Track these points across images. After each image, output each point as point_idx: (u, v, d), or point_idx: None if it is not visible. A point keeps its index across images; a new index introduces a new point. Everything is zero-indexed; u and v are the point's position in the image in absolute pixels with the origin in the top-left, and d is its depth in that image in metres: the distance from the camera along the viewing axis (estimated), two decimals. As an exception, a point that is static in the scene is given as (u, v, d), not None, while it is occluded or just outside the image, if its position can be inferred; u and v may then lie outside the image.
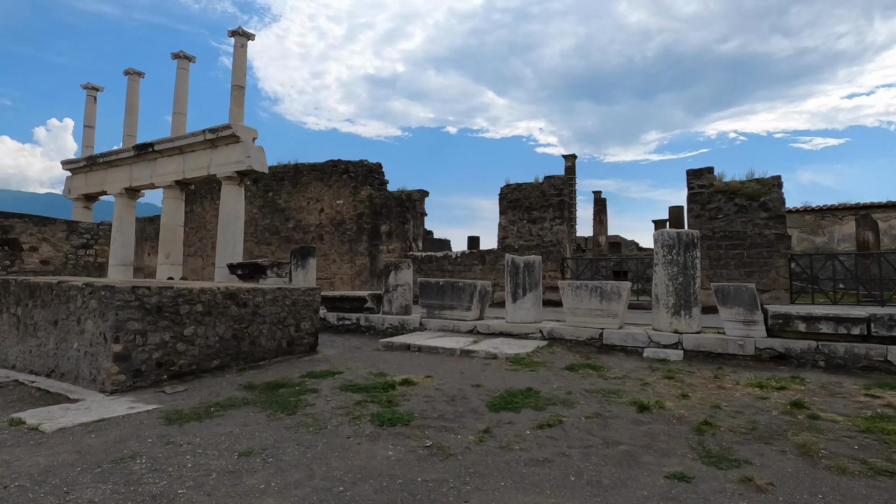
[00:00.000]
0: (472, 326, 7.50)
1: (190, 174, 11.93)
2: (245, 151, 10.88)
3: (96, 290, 4.53)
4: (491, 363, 5.61)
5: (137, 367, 4.49)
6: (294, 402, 3.90)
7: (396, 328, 8.12)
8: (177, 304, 4.84)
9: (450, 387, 4.45)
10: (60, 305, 4.87)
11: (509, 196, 13.09)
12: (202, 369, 5.05)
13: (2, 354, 5.49)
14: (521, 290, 7.23)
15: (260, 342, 5.74)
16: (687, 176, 11.41)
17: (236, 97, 11.35)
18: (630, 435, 3.16)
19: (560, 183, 12.50)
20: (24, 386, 4.67)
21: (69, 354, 4.73)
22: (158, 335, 4.67)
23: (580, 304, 6.73)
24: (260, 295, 5.78)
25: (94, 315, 4.51)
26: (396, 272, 8.52)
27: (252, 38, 11.62)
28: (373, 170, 15.41)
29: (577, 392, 4.25)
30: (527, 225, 12.74)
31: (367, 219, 15.17)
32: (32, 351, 5.13)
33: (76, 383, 4.61)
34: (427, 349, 6.42)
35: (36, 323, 5.13)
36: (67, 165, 14.89)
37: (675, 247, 6.12)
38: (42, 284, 5.13)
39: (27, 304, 5.27)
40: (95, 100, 15.04)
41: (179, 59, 12.86)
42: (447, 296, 7.89)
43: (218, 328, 5.24)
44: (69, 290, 4.80)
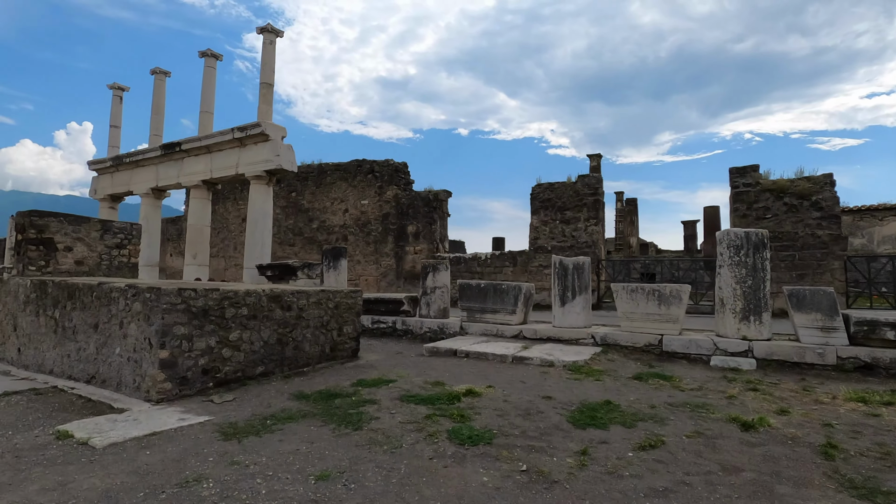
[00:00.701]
0: (518, 331, 7.15)
1: (217, 174, 11.74)
2: (274, 150, 10.66)
3: (141, 292, 4.27)
4: (549, 371, 5.26)
5: (183, 375, 4.22)
6: (356, 416, 3.59)
7: (436, 332, 7.80)
8: (222, 307, 4.57)
9: (517, 398, 4.12)
10: (101, 308, 4.63)
11: (541, 196, 12.72)
12: (247, 376, 4.78)
13: (38, 359, 5.28)
14: (569, 294, 6.87)
15: (304, 347, 5.46)
16: (730, 174, 10.95)
17: (265, 95, 11.13)
18: (748, 459, 2.80)
19: (595, 182, 12.10)
20: (64, 393, 4.43)
21: (111, 360, 4.48)
22: (204, 340, 4.40)
23: (636, 309, 6.35)
24: (304, 297, 5.50)
25: (139, 319, 4.26)
26: (434, 274, 8.20)
27: (281, 34, 11.41)
28: (399, 169, 15.13)
29: (660, 406, 3.89)
30: (559, 225, 12.36)
31: (393, 219, 14.89)
32: (71, 356, 4.89)
33: (119, 391, 4.36)
34: (475, 355, 6.09)
35: (75, 326, 4.90)
36: (94, 166, 14.83)
37: (744, 247, 5.72)
38: (81, 286, 4.89)
39: (65, 307, 5.04)
40: (121, 100, 14.96)
41: (207, 58, 12.70)
42: (489, 298, 7.55)
43: (263, 333, 4.97)
44: (111, 291, 4.56)
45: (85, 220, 6.65)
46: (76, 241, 6.52)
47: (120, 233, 7.00)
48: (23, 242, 6.15)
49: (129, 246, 7.12)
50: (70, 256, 6.47)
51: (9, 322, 5.79)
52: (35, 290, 5.46)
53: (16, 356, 5.61)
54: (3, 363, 5.72)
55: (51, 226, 6.28)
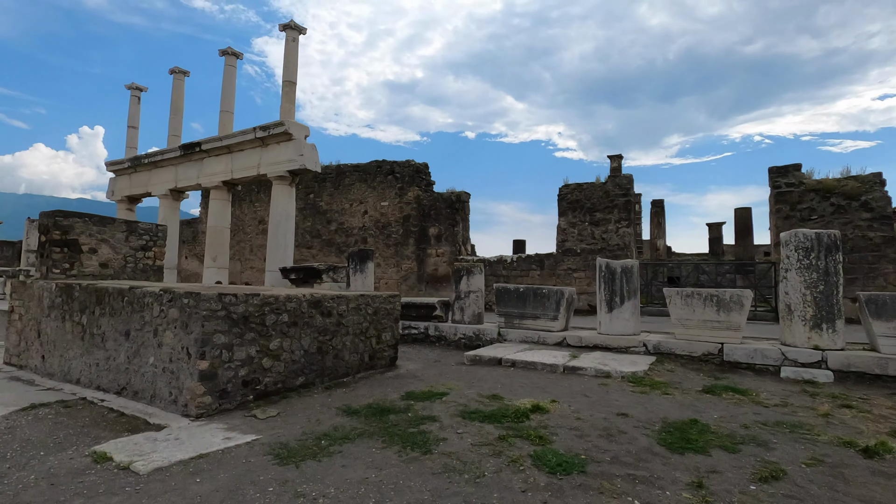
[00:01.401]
0: (561, 338, 6.77)
1: (238, 174, 11.47)
2: (298, 149, 10.36)
3: (178, 297, 3.95)
4: (608, 383, 4.88)
5: (223, 388, 3.89)
6: (419, 436, 3.23)
7: (471, 339, 7.44)
8: (263, 313, 4.24)
9: (589, 415, 3.74)
10: (133, 314, 4.32)
11: (569, 197, 12.33)
12: (287, 388, 4.45)
13: (64, 367, 4.98)
14: (617, 299, 6.48)
15: (343, 356, 5.12)
16: (770, 174, 10.51)
17: (287, 93, 10.85)
18: (894, 495, 2.41)
19: (626, 182, 11.70)
20: (94, 406, 4.11)
21: (144, 370, 4.16)
22: (244, 350, 4.07)
23: (692, 315, 5.95)
24: (344, 303, 5.16)
25: (175, 326, 3.94)
26: (468, 277, 7.85)
27: (304, 31, 11.13)
28: (420, 170, 14.80)
29: (752, 425, 3.50)
30: (588, 227, 11.97)
31: (415, 221, 14.56)
32: (100, 364, 4.59)
33: (153, 403, 4.04)
34: (522, 364, 5.72)
35: (104, 333, 4.59)
36: (112, 167, 14.63)
37: (814, 250, 5.31)
38: (111, 290, 4.59)
39: (93, 312, 4.74)
40: (139, 100, 14.76)
41: (227, 56, 12.46)
42: (529, 304, 7.18)
43: (303, 341, 4.64)
44: (144, 296, 4.24)
45: (110, 220, 6.37)
46: (101, 242, 6.24)
47: (145, 234, 6.71)
48: (46, 244, 5.88)
49: (154, 248, 6.84)
50: (95, 259, 6.18)
51: (32, 328, 5.51)
52: (60, 294, 5.17)
53: (39, 364, 5.32)
54: (27, 371, 5.44)
55: (76, 227, 5.99)
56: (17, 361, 5.65)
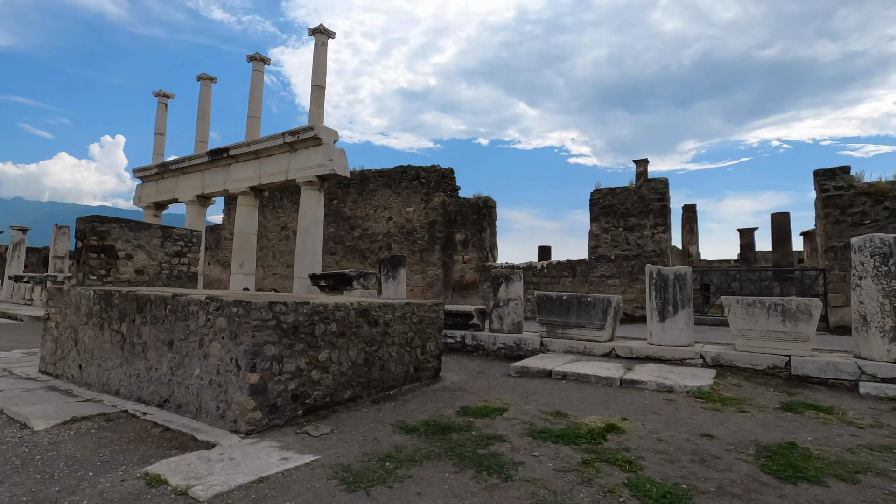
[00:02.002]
0: (609, 349, 6.45)
1: (266, 180, 11.36)
2: (327, 154, 10.22)
3: (226, 306, 3.74)
4: (674, 399, 4.56)
5: (273, 402, 3.67)
6: (493, 459, 2.96)
7: (511, 348, 7.15)
8: (312, 323, 4.02)
9: (669, 436, 3.44)
10: (177, 323, 4.12)
11: (601, 202, 12.00)
12: (336, 401, 4.21)
13: (102, 377, 4.81)
14: (670, 307, 6.16)
15: (389, 367, 4.88)
16: (815, 177, 10.08)
17: (317, 97, 10.72)
18: None
19: (662, 187, 11.34)
20: (137, 419, 3.91)
21: (188, 382, 3.95)
22: (294, 362, 3.85)
23: (754, 326, 5.60)
24: (390, 311, 4.92)
25: (223, 336, 3.73)
26: (507, 284, 7.57)
27: (333, 35, 11.02)
28: (445, 175, 14.58)
29: (858, 450, 3.17)
30: (622, 233, 11.62)
31: (440, 227, 14.33)
32: (140, 375, 4.40)
33: (198, 418, 3.83)
34: (574, 377, 5.42)
35: (145, 343, 4.41)
36: (139, 173, 14.67)
37: (893, 256, 4.95)
38: (153, 298, 4.41)
39: (133, 321, 4.56)
40: (166, 107, 14.81)
41: (255, 62, 12.41)
42: (572, 312, 6.88)
43: (351, 352, 4.40)
44: (188, 305, 4.05)
45: (146, 226, 6.23)
46: (137, 248, 6.10)
47: (180, 240, 6.57)
48: (83, 249, 5.75)
49: (189, 254, 6.69)
50: (130, 265, 6.04)
51: (69, 336, 5.36)
52: (99, 301, 5.01)
53: (76, 373, 5.16)
54: (63, 380, 5.28)
55: (112, 232, 5.86)
56: (53, 370, 5.51)
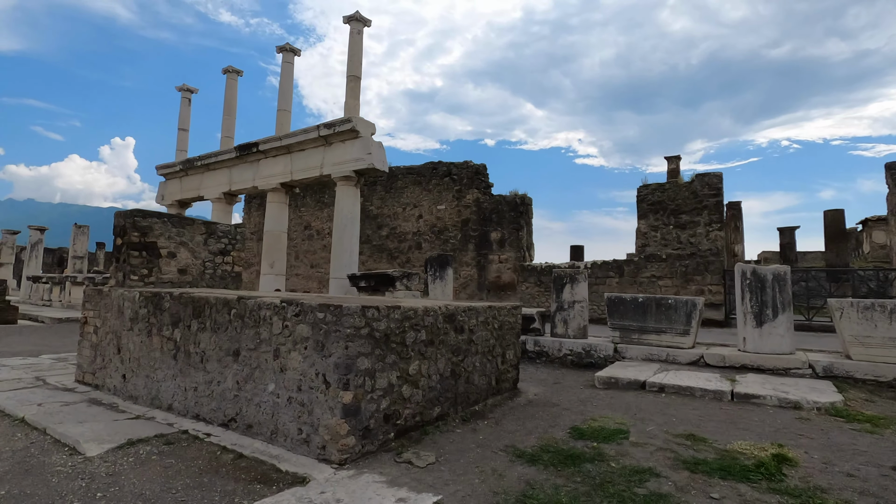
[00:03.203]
0: (696, 356, 5.84)
1: (298, 175, 10.84)
2: (365, 148, 9.67)
3: (308, 311, 3.19)
4: (808, 417, 3.95)
5: (366, 425, 3.11)
6: (662, 502, 2.38)
7: (580, 355, 6.55)
8: (403, 330, 3.45)
9: (853, 468, 2.84)
10: (245, 330, 3.57)
11: (649, 198, 11.37)
12: (425, 420, 3.64)
13: (150, 390, 4.27)
14: (769, 311, 5.53)
15: (473, 379, 4.30)
16: (887, 170, 9.41)
17: (352, 89, 10.19)
18: None
19: (717, 181, 10.68)
20: (201, 442, 3.36)
21: (260, 400, 3.40)
22: (386, 376, 3.28)
23: (873, 332, 4.97)
24: (474, 316, 4.35)
25: (305, 347, 3.17)
26: (572, 285, 6.97)
27: (368, 24, 10.48)
28: (479, 171, 14.00)
29: None
30: (673, 230, 10.98)
31: (474, 225, 13.75)
32: (198, 389, 3.85)
33: (274, 442, 3.27)
34: (674, 389, 4.82)
35: (203, 352, 3.86)
36: (162, 170, 14.22)
37: None
38: (213, 300, 3.86)
39: (189, 326, 4.02)
40: (190, 102, 14.35)
41: (284, 53, 11.90)
42: (650, 316, 6.27)
43: (439, 363, 3.83)
44: (259, 309, 3.50)
45: (189, 221, 5.71)
46: (179, 246, 5.58)
47: (224, 237, 6.04)
48: (123, 247, 5.23)
49: (233, 252, 6.16)
50: (173, 264, 5.52)
51: (111, 343, 4.83)
52: (146, 304, 4.48)
53: (120, 384, 4.63)
54: (104, 392, 4.76)
55: (154, 228, 5.34)
56: (91, 380, 4.99)
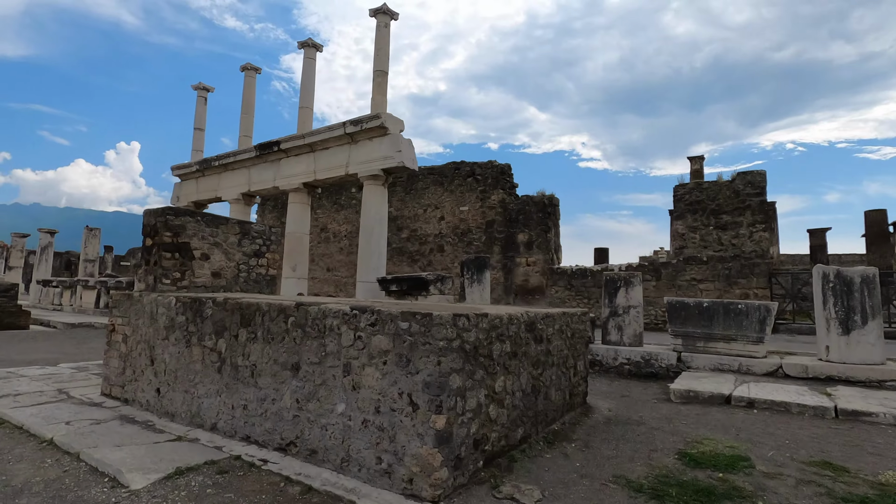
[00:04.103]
0: (773, 366, 5.36)
1: (322, 175, 10.42)
2: (395, 145, 9.24)
3: (388, 319, 2.74)
4: (941, 440, 3.47)
5: (458, 453, 2.65)
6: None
7: (638, 365, 6.08)
8: (490, 341, 3.00)
9: None
10: (306, 342, 3.13)
11: (687, 198, 10.89)
12: (510, 444, 3.19)
13: (190, 406, 3.82)
14: (857, 317, 5.05)
15: (550, 395, 3.84)
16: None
17: (379, 84, 9.77)
18: None
19: (760, 180, 10.19)
20: (258, 471, 2.91)
21: (326, 422, 2.95)
22: (475, 394, 2.83)
23: (984, 340, 4.48)
24: (551, 324, 3.90)
25: (385, 361, 2.72)
26: (627, 289, 6.50)
27: (396, 17, 10.07)
28: (504, 171, 13.54)
29: None
30: (714, 231, 10.50)
31: (500, 227, 13.29)
32: (249, 408, 3.41)
33: (345, 471, 2.82)
34: (765, 405, 4.34)
35: (254, 365, 3.42)
36: (177, 171, 13.84)
37: None
38: (265, 307, 3.42)
39: (236, 336, 3.58)
40: (206, 101, 13.98)
41: (306, 49, 11.50)
42: (717, 322, 5.80)
43: (521, 377, 3.38)
44: (324, 317, 3.05)
45: (223, 220, 5.28)
46: (213, 247, 5.15)
47: (258, 237, 5.61)
48: (154, 248, 4.80)
49: (268, 254, 5.72)
50: (206, 267, 5.09)
51: (143, 353, 4.39)
52: (184, 310, 4.05)
53: (153, 399, 4.19)
54: (136, 407, 4.32)
55: (188, 227, 4.91)
56: (120, 393, 4.55)
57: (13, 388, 4.88)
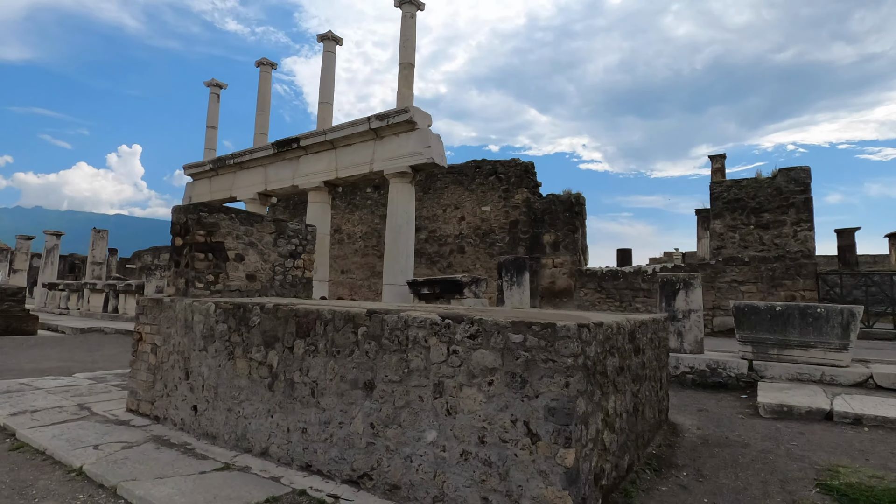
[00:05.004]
0: (862, 376, 4.87)
1: (345, 172, 9.96)
2: (423, 140, 8.78)
3: (493, 330, 2.27)
4: None
5: (583, 493, 2.18)
6: None
7: (702, 374, 5.60)
8: (605, 354, 2.53)
9: None
10: (383, 356, 2.66)
11: (725, 195, 10.41)
12: (619, 475, 2.71)
13: (236, 427, 3.35)
14: (960, 322, 4.56)
15: (645, 413, 3.37)
16: None
17: (405, 77, 9.32)
18: None
19: (804, 176, 9.70)
20: (332, 511, 2.45)
21: (412, 451, 2.48)
22: (594, 420, 2.36)
23: None
24: (645, 332, 3.43)
25: (492, 381, 2.26)
26: (687, 292, 6.03)
27: (422, 7, 9.62)
28: (528, 169, 13.07)
29: None
30: (755, 231, 10.01)
31: (524, 227, 12.81)
32: (309, 431, 2.94)
33: (439, 513, 2.35)
34: (873, 422, 3.86)
35: (315, 382, 2.95)
36: (189, 170, 13.40)
37: None
38: (327, 315, 2.95)
39: (291, 348, 3.11)
40: (219, 98, 13.55)
41: (326, 42, 11.06)
42: (792, 327, 5.32)
43: (626, 395, 2.91)
44: (405, 327, 2.58)
45: (257, 218, 4.83)
46: (248, 247, 4.69)
47: (294, 237, 5.15)
48: (185, 249, 4.34)
49: (304, 255, 5.27)
50: (241, 269, 4.63)
51: (176, 365, 3.93)
52: (225, 318, 3.58)
53: (189, 418, 3.72)
54: (168, 426, 3.85)
55: (221, 225, 4.45)
56: (149, 410, 4.08)
57: (30, 404, 4.42)
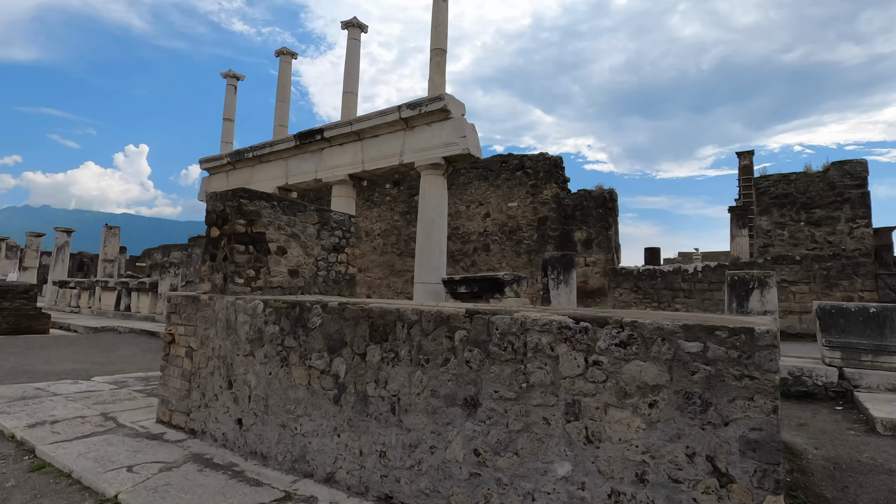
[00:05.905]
0: (978, 387, 4.32)
1: (371, 165, 9.46)
2: (458, 130, 8.28)
3: (657, 336, 1.77)
4: None
5: (781, 551, 1.67)
6: None
7: (785, 381, 5.06)
8: (776, 368, 2.01)
9: None
10: (490, 366, 2.16)
11: (772, 190, 9.84)
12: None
13: (293, 447, 2.86)
14: None
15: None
16: None
17: (437, 63, 8.82)
18: None
19: (860, 170, 9.13)
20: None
21: (534, 487, 1.98)
22: (776, 452, 1.84)
23: None
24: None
25: (653, 403, 1.75)
26: (762, 292, 5.49)
27: (453, -10, 9.15)
28: (556, 164, 12.55)
29: None
30: (805, 227, 9.44)
31: (554, 224, 12.28)
32: (388, 455, 2.44)
33: (577, 569, 1.84)
34: None
35: (396, 397, 2.45)
36: (206, 164, 12.96)
37: None
38: (411, 316, 2.45)
39: (363, 355, 2.62)
40: (236, 90, 13.11)
41: (350, 29, 10.58)
42: (889, 331, 4.78)
43: (775, 416, 2.39)
44: (522, 331, 2.08)
45: (300, 207, 4.34)
46: (290, 239, 4.21)
47: (338, 229, 4.66)
48: (223, 240, 3.86)
49: (347, 249, 4.78)
50: (283, 263, 4.14)
51: (216, 372, 3.45)
52: (277, 319, 3.10)
53: (233, 433, 3.23)
54: (208, 442, 3.37)
55: (262, 214, 3.97)
56: (184, 423, 3.60)
57: (48, 413, 3.96)
